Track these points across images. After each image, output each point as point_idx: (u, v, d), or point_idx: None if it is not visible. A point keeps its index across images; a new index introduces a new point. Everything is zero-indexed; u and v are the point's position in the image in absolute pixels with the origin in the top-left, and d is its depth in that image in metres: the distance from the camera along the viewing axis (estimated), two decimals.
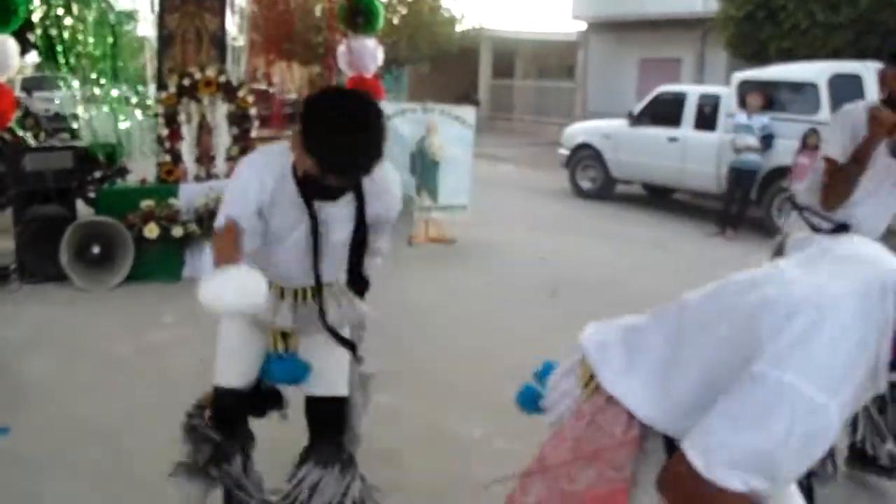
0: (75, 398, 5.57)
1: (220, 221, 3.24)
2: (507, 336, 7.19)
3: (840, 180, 4.44)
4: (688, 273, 9.45)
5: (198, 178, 8.91)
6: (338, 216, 3.40)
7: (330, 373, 3.74)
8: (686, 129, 14.48)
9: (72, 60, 10.32)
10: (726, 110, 13.80)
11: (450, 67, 33.46)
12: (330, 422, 3.81)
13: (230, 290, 3.03)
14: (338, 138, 2.95)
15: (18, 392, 5.64)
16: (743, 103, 13.27)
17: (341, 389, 3.80)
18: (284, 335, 3.66)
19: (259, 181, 3.24)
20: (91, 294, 7.92)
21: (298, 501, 3.65)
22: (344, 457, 3.77)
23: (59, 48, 10.07)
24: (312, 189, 3.25)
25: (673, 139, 14.22)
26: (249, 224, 3.24)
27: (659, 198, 16.39)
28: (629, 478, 2.38)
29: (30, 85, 21.91)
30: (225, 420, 3.82)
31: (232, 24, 10.48)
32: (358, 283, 3.73)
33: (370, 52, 10.24)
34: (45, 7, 9.99)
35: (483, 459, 4.93)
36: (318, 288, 3.49)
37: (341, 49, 10.44)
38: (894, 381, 4.92)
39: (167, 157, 8.74)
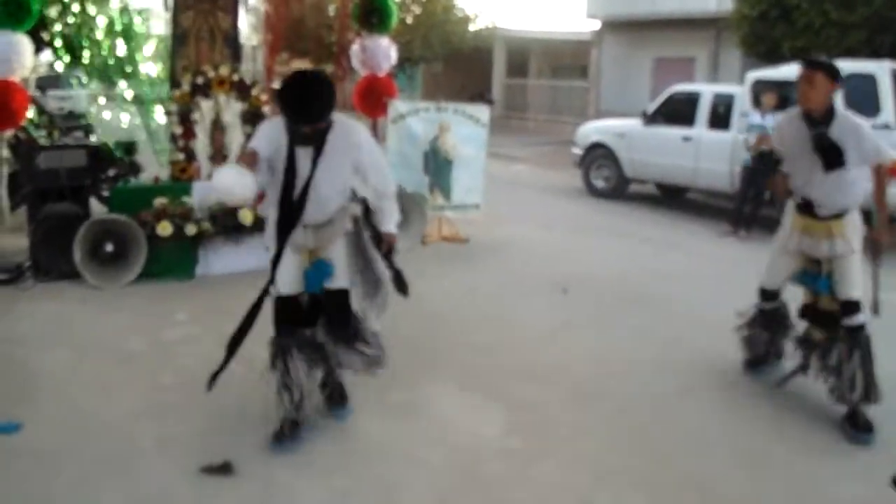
0: (87, 394, 5.60)
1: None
2: (519, 334, 7.19)
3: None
4: (701, 273, 9.43)
5: (211, 177, 8.92)
6: (330, 162, 4.86)
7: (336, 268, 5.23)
8: (700, 129, 14.44)
9: (86, 59, 10.36)
10: (740, 109, 13.76)
11: (463, 66, 33.48)
12: (337, 305, 5.28)
13: (232, 174, 4.54)
14: (291, 95, 4.57)
15: (32, 387, 5.67)
16: (757, 102, 13.23)
17: (342, 283, 5.25)
18: (311, 253, 5.20)
19: (268, 134, 4.87)
20: (104, 292, 7.94)
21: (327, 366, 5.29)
22: (350, 331, 5.28)
23: (74, 47, 10.11)
24: (294, 137, 4.78)
25: (687, 138, 14.17)
26: (263, 155, 4.82)
27: (672, 197, 16.35)
28: None
29: (44, 83, 21.99)
30: (284, 322, 5.22)
31: (245, 22, 10.50)
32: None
33: (384, 51, 10.25)
34: (59, 6, 10.02)
35: (496, 458, 4.93)
36: (298, 213, 4.94)
37: (355, 48, 10.45)
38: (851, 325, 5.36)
39: (180, 156, 8.75)
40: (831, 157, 5.61)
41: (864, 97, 12.21)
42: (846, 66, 13.09)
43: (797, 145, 5.79)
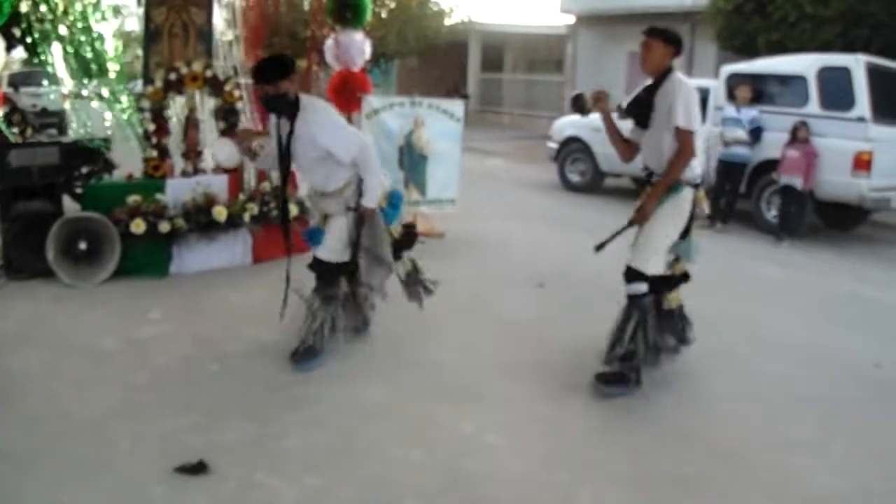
0: (62, 393, 5.55)
1: None
2: (496, 329, 7.20)
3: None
4: None
5: (185, 174, 8.88)
6: (300, 138, 5.83)
7: (331, 240, 6.12)
8: None
9: (59, 56, 10.28)
10: (715, 103, 13.80)
11: (439, 61, 33.48)
12: (319, 272, 6.23)
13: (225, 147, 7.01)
14: (255, 67, 5.90)
15: (5, 387, 5.62)
16: (732, 96, 13.29)
17: (324, 254, 6.13)
18: (325, 218, 6.26)
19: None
20: (78, 290, 7.89)
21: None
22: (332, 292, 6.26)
23: (46, 43, 10.03)
24: (267, 104, 5.85)
25: None
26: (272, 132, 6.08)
27: None
28: None
29: (17, 80, 21.83)
30: (323, 276, 6.22)
31: (220, 18, 10.43)
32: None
33: (357, 46, 10.19)
34: (30, 2, 9.94)
35: (475, 454, 4.92)
36: (284, 171, 6.12)
37: (329, 43, 10.39)
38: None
39: (154, 153, 8.70)
40: (639, 114, 6.00)
41: (839, 91, 12.30)
42: (820, 59, 13.22)
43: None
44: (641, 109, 5.93)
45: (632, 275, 5.87)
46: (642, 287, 5.85)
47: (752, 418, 5.70)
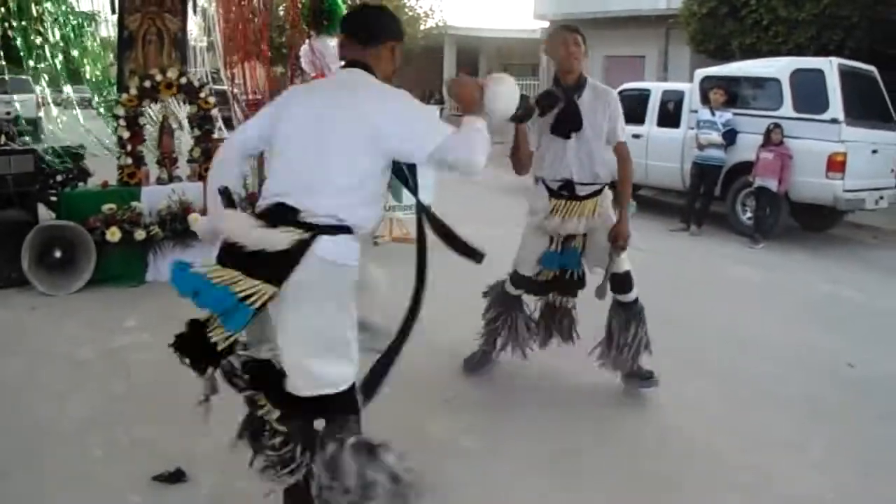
0: (38, 402, 5.53)
1: None
2: (472, 333, 7.19)
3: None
4: (652, 268, 9.49)
5: (160, 181, 8.86)
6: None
7: None
8: (650, 126, 14.56)
9: (32, 63, 10.25)
10: (690, 106, 13.88)
11: (414, 66, 33.46)
12: None
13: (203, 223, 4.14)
14: None
15: None
16: (706, 99, 13.36)
17: None
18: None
19: None
20: (53, 299, 7.86)
21: None
22: None
23: (19, 50, 10.00)
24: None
25: (637, 136, 14.21)
26: None
27: None
28: None
29: None
30: None
31: (194, 24, 10.42)
32: None
33: (332, 53, 10.19)
34: (3, 9, 9.91)
35: (452, 459, 4.92)
36: None
37: (304, 49, 10.38)
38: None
39: (129, 160, 8.66)
40: (562, 124, 5.86)
41: (812, 93, 12.40)
42: (794, 62, 13.31)
43: None
44: (567, 120, 5.75)
45: (623, 282, 5.89)
46: (635, 293, 5.92)
47: (729, 419, 5.72)
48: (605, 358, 6.04)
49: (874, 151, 12.70)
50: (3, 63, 11.51)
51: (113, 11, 9.61)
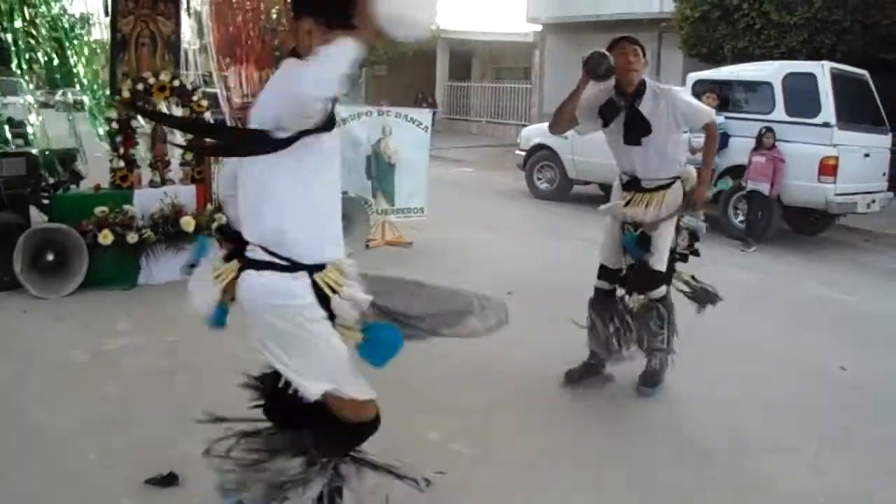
0: (30, 405, 5.51)
1: None
2: (463, 337, 7.19)
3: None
4: None
5: (153, 184, 8.84)
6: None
7: None
8: None
9: (24, 65, 10.22)
10: None
11: (407, 69, 33.51)
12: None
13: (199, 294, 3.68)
14: None
15: None
16: None
17: None
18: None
19: None
20: (46, 302, 7.84)
21: None
22: None
23: (11, 53, 9.97)
24: None
25: None
26: None
27: None
28: None
29: None
30: None
31: (187, 27, 10.40)
32: None
33: None
34: None
35: (441, 463, 4.92)
36: None
37: None
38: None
39: (121, 163, 8.65)
40: (632, 132, 6.03)
41: (804, 97, 12.44)
42: (786, 66, 13.35)
43: None
44: (636, 127, 5.89)
45: (655, 279, 6.05)
46: (664, 289, 6.10)
47: (721, 421, 5.73)
48: (625, 348, 6.26)
49: (866, 155, 12.76)
50: None
51: (106, 14, 9.60)
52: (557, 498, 4.60)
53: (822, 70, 12.45)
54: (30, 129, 10.66)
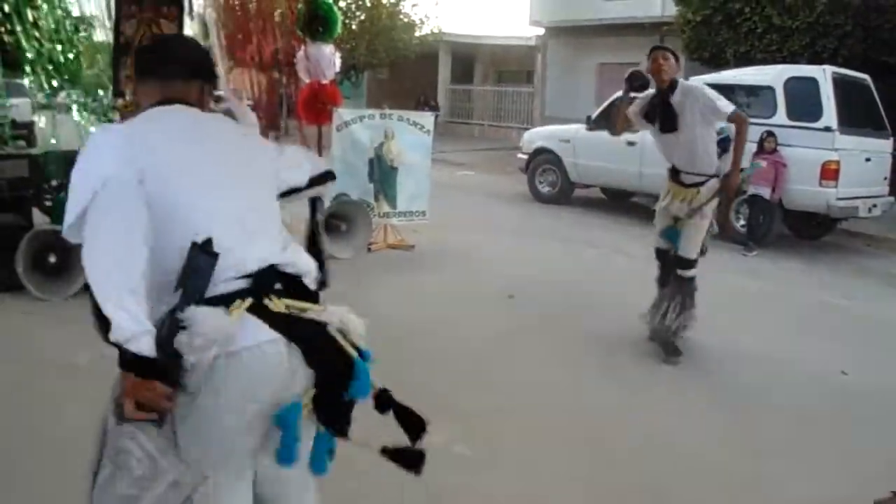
0: (32, 408, 5.52)
1: None
2: (465, 340, 7.20)
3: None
4: (646, 276, 9.51)
5: None
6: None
7: None
8: (644, 133, 14.55)
9: (27, 67, 10.25)
10: None
11: (409, 73, 33.51)
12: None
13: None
14: None
15: None
16: None
17: None
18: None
19: None
20: (48, 303, 7.84)
21: None
22: None
23: (16, 54, 10.00)
24: None
25: (631, 143, 14.22)
26: None
27: (617, 202, 16.48)
28: None
29: None
30: None
31: (190, 30, 10.41)
32: None
33: (327, 59, 10.19)
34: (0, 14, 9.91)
35: (445, 466, 4.92)
36: None
37: (299, 55, 10.38)
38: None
39: None
40: (665, 121, 6.89)
41: (806, 101, 12.45)
42: (788, 70, 13.35)
43: None
44: (667, 117, 6.72)
45: (684, 263, 7.06)
46: (693, 271, 7.08)
47: (722, 426, 5.74)
48: (651, 320, 7.15)
49: (867, 159, 12.76)
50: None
51: (109, 17, 9.60)
52: (560, 501, 4.61)
53: (823, 74, 12.45)
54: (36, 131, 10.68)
